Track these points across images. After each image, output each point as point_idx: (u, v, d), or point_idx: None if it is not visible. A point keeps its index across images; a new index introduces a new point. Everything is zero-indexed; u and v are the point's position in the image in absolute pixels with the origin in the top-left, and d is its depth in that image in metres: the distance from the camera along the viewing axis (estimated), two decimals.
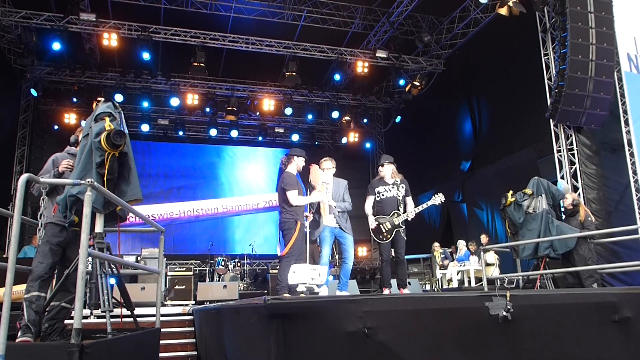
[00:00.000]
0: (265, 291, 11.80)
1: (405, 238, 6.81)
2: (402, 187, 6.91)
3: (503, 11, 11.02)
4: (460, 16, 13.83)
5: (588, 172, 10.28)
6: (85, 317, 4.95)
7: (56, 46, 12.46)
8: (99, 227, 4.28)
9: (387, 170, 6.99)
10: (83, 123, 4.79)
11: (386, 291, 6.79)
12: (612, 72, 9.64)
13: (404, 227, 6.82)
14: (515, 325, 3.61)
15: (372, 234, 6.83)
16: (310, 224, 6.60)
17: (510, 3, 10.88)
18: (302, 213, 6.39)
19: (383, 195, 6.86)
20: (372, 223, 6.83)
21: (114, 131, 4.11)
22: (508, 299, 3.60)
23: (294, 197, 6.27)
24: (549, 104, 10.32)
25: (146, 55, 13.16)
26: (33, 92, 14.56)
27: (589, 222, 8.02)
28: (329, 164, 6.85)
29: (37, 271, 4.23)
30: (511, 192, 8.18)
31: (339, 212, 6.69)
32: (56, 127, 15.79)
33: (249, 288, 13.41)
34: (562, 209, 8.38)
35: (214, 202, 16.95)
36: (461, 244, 12.81)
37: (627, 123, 9.80)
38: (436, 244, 13.74)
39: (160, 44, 13.89)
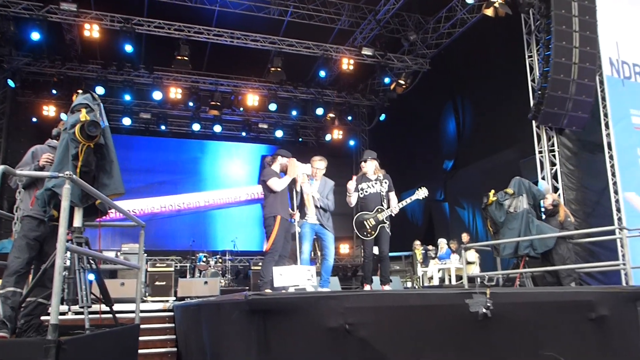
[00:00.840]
0: (247, 287, 11.76)
1: (389, 233, 6.75)
2: (385, 182, 6.84)
3: (489, 12, 11.08)
4: (446, 16, 13.89)
5: (568, 173, 10.41)
6: (63, 313, 4.88)
7: (35, 36, 12.19)
8: (77, 221, 4.22)
9: (370, 166, 6.92)
10: (63, 116, 4.72)
11: (367, 287, 6.74)
12: (594, 75, 9.76)
13: (388, 222, 6.75)
14: (495, 322, 3.64)
15: (356, 231, 6.75)
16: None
17: (496, 4, 10.94)
18: (284, 208, 6.33)
19: (366, 191, 6.80)
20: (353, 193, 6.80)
21: (88, 122, 4.03)
22: (488, 296, 3.63)
23: (276, 183, 6.25)
24: (531, 105, 10.41)
25: (129, 48, 12.98)
26: (10, 83, 14.26)
27: (568, 223, 8.12)
28: (321, 164, 6.85)
29: (13, 266, 4.15)
30: (493, 191, 8.25)
31: (321, 208, 6.68)
32: (34, 119, 15.52)
33: (230, 284, 13.34)
34: (542, 209, 8.47)
35: (196, 196, 16.91)
36: (442, 242, 12.91)
37: (607, 126, 9.92)
38: (417, 242, 13.82)
39: (144, 36, 13.72)
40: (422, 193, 6.99)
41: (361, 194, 6.83)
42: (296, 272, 5.51)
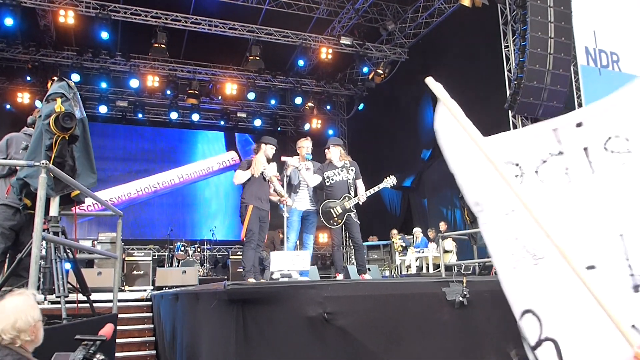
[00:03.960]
0: (226, 277, 11.76)
1: (358, 222, 6.60)
2: (352, 169, 6.68)
3: (466, 2, 11.15)
4: (424, 5, 13.93)
5: None
6: (39, 303, 4.83)
7: (8, 22, 11.87)
8: (53, 210, 4.17)
9: (334, 153, 6.72)
10: (38, 104, 4.65)
11: (339, 276, 6.59)
12: (568, 65, 9.91)
13: (355, 211, 6.59)
14: (471, 310, 3.70)
15: (322, 219, 6.58)
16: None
17: None
18: (257, 197, 6.25)
19: (333, 179, 6.61)
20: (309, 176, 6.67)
21: (63, 113, 3.98)
22: (464, 284, 3.69)
23: (235, 176, 6.29)
24: (508, 95, 10.53)
25: (104, 35, 12.76)
26: None
27: None
28: (307, 143, 6.80)
29: None
30: None
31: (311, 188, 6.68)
32: (8, 106, 15.21)
33: (208, 274, 13.33)
34: None
35: (169, 174, 16.91)
36: (417, 231, 13.03)
37: None
38: (394, 231, 13.93)
39: (120, 23, 13.48)
40: (390, 181, 6.80)
41: (327, 182, 6.63)
42: (284, 257, 5.47)
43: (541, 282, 1.53)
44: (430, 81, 1.78)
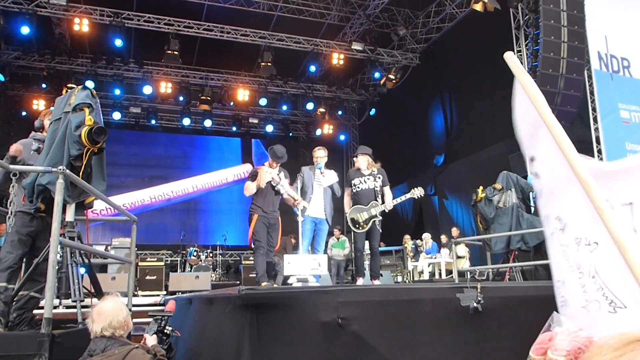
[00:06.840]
0: (238, 282, 11.78)
1: (380, 230, 6.76)
2: (379, 177, 6.83)
3: (478, 7, 11.14)
4: (435, 10, 13.93)
5: None
6: (54, 307, 4.88)
7: (25, 30, 12.11)
8: (69, 216, 4.21)
9: (362, 161, 6.88)
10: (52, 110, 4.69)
11: (360, 281, 6.77)
12: (582, 70, 9.83)
13: (380, 218, 6.75)
14: (486, 316, 3.68)
15: (349, 224, 6.73)
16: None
17: None
18: (264, 204, 6.34)
19: (359, 187, 6.78)
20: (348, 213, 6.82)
21: (96, 127, 4.02)
22: (479, 290, 3.66)
23: (246, 187, 6.41)
24: None
25: (118, 42, 12.93)
26: (0, 76, 14.19)
27: None
28: (321, 153, 6.97)
29: (5, 262, 4.14)
30: (481, 188, 8.29)
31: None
32: (24, 113, 15.45)
33: (221, 279, 13.36)
34: (534, 202, 8.53)
35: (184, 183, 17.02)
36: (427, 237, 12.97)
37: (595, 120, 10.02)
38: (407, 237, 13.89)
39: (133, 30, 13.63)
40: (417, 192, 7.02)
41: (354, 189, 6.81)
42: (302, 262, 5.45)
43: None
44: (509, 56, 1.54)
